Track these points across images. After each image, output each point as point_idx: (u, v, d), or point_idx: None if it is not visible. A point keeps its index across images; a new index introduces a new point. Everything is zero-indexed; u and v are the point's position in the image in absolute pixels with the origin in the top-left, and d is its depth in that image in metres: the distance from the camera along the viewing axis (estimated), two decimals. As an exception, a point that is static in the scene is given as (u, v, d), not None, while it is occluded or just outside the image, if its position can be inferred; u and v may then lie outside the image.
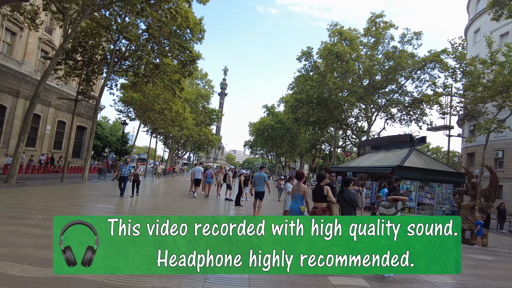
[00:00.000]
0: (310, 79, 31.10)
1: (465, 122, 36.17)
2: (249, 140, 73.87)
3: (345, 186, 6.56)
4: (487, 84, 18.43)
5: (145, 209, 11.40)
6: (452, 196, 17.81)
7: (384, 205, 5.77)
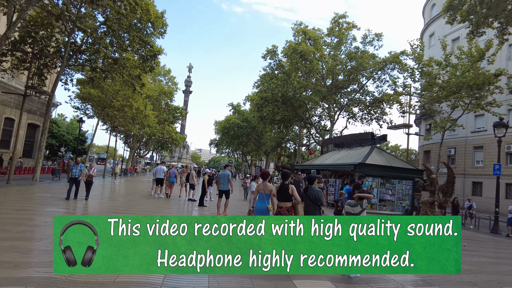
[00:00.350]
0: (275, 77, 31.12)
1: (421, 121, 38.00)
2: (215, 139, 72.97)
3: (310, 184, 6.39)
4: (442, 85, 19.33)
5: (98, 212, 10.62)
6: (415, 191, 18.43)
7: (349, 204, 5.63)
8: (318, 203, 6.15)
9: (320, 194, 6.21)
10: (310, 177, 6.50)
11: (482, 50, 18.66)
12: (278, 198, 5.87)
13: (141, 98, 32.17)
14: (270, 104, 30.60)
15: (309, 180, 6.44)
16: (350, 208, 5.50)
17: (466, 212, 16.76)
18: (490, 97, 19.00)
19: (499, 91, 18.93)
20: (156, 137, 48.46)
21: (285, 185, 5.86)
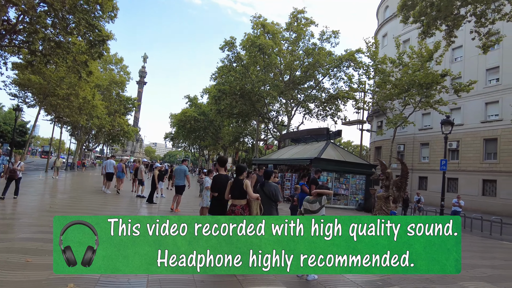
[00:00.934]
0: (233, 70, 30.49)
1: (373, 119, 39.52)
2: (170, 132, 70.74)
3: (266, 179, 5.96)
4: (395, 82, 20.01)
5: (29, 211, 9.41)
6: (369, 186, 18.90)
7: (308, 200, 5.26)
8: (274, 199, 5.74)
9: (277, 190, 5.81)
10: (267, 171, 6.07)
11: (431, 51, 19.54)
12: (232, 195, 5.36)
13: (89, 87, 29.92)
14: (228, 97, 29.96)
15: (266, 175, 6.01)
16: (308, 205, 5.15)
17: (415, 206, 17.49)
18: (438, 96, 20.03)
19: (445, 91, 19.99)
20: (106, 129, 45.67)
21: (239, 180, 5.36)
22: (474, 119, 28.23)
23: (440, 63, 19.62)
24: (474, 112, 28.39)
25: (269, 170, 6.16)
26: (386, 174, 9.82)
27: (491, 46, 17.20)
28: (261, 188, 5.88)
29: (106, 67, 48.60)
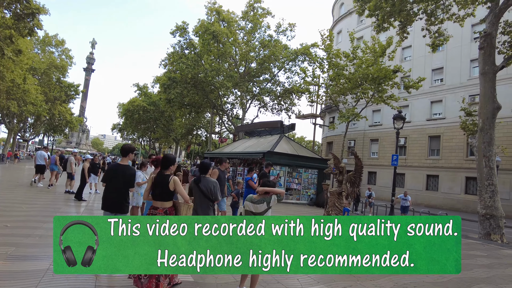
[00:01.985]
0: (185, 57, 28.76)
1: (326, 114, 39.94)
2: (118, 123, 66.68)
3: (202, 174, 4.90)
4: (349, 76, 19.86)
5: None
6: (322, 181, 18.56)
7: (252, 199, 4.23)
8: (212, 198, 4.72)
9: (216, 186, 4.80)
10: (204, 164, 5.01)
11: (384, 46, 19.63)
12: (153, 195, 4.22)
13: (20, 69, 26.53)
14: (179, 85, 28.18)
15: (202, 168, 4.95)
16: (252, 206, 4.13)
17: (366, 201, 17.46)
18: (389, 92, 20.25)
19: (396, 87, 20.26)
20: (42, 117, 41.48)
21: (163, 176, 4.22)
22: (420, 117, 29.35)
23: (392, 58, 19.80)
24: (420, 110, 29.52)
25: (205, 163, 5.09)
26: (340, 168, 9.23)
27: (440, 45, 17.51)
28: (196, 185, 4.82)
29: (45, 49, 44.07)
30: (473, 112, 17.69)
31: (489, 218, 11.83)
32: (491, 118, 12.33)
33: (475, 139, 13.32)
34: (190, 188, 4.89)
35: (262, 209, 4.04)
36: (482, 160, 12.30)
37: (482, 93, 12.72)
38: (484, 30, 13.33)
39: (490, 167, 12.16)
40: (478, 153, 12.51)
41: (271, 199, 4.09)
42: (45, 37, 43.31)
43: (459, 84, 27.14)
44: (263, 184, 4.24)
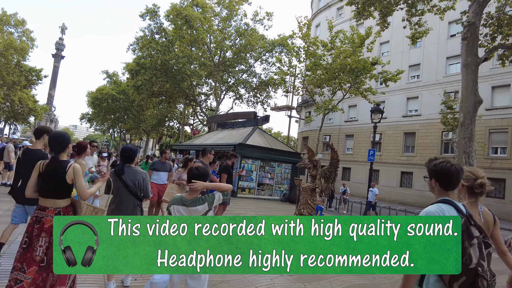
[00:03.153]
0: (155, 42, 26.91)
1: (302, 109, 39.23)
2: (87, 113, 63.39)
3: (126, 163, 3.68)
4: (326, 66, 18.96)
5: None
6: (295, 176, 17.61)
7: (181, 200, 3.02)
8: (141, 194, 3.51)
9: (146, 180, 3.60)
10: (127, 150, 3.79)
11: (363, 36, 18.85)
12: (41, 191, 2.94)
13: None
14: (148, 72, 26.36)
15: (125, 155, 3.73)
16: (184, 210, 2.96)
17: (341, 197, 16.69)
18: (367, 84, 19.55)
19: (374, 79, 19.62)
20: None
21: (58, 163, 2.95)
22: (396, 113, 29.07)
23: (371, 50, 19.07)
24: (396, 106, 29.23)
25: (130, 147, 3.88)
26: (314, 162, 8.19)
27: (420, 37, 16.90)
28: (117, 177, 3.59)
29: (3, 28, 40.62)
30: (455, 105, 17.24)
31: (468, 217, 11.24)
32: (473, 113, 11.72)
33: (455, 135, 12.76)
34: (109, 182, 3.64)
35: (199, 213, 2.87)
36: (462, 156, 11.69)
37: (464, 85, 12.09)
38: (467, 20, 12.71)
39: (470, 164, 11.55)
40: (458, 149, 11.89)
41: (215, 198, 2.92)
42: (2, 16, 39.93)
43: (435, 81, 27.00)
44: (192, 176, 3.01)
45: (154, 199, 7.16)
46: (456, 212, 2.14)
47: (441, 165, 2.20)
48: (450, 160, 2.29)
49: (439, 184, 2.23)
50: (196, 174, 3.01)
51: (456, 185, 2.23)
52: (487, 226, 2.47)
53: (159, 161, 7.77)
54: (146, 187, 3.66)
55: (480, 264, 2.02)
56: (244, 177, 16.88)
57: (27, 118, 54.80)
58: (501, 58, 13.95)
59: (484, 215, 2.48)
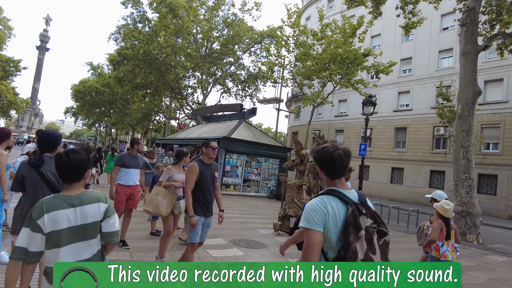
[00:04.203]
0: (137, 31, 25.58)
1: (292, 104, 38.37)
2: (72, 107, 61.44)
3: (47, 152, 2.75)
4: (316, 56, 18.05)
5: None
6: (281, 172, 16.74)
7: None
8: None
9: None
10: (46, 135, 2.84)
11: (354, 26, 17.97)
12: None
13: None
14: (130, 63, 25.04)
15: (44, 142, 2.78)
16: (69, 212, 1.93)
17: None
18: (359, 76, 18.75)
19: (366, 71, 18.83)
20: None
21: None
22: (387, 108, 28.42)
23: (363, 40, 18.21)
24: (388, 100, 28.57)
25: (50, 132, 2.92)
26: (301, 156, 7.29)
27: (414, 27, 16.10)
28: (34, 170, 2.65)
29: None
30: (451, 97, 16.53)
31: (465, 216, 10.52)
32: (471, 104, 10.97)
33: (453, 128, 12.03)
34: (21, 178, 2.68)
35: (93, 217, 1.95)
36: (459, 151, 10.95)
37: (462, 75, 11.32)
38: (466, 5, 11.94)
39: (468, 159, 10.83)
40: (456, 142, 11.15)
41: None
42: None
43: (427, 75, 26.40)
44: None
45: (121, 208, 5.52)
46: (341, 203, 1.85)
47: (323, 151, 1.91)
48: (338, 145, 1.96)
49: (324, 172, 1.95)
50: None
51: (342, 172, 1.92)
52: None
53: (128, 154, 5.81)
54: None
55: (368, 258, 1.86)
56: (228, 172, 15.94)
57: (7, 111, 52.78)
58: (500, 47, 13.23)
59: None
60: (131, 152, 5.85)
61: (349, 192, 1.90)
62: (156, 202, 4.83)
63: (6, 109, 50.60)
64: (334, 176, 1.93)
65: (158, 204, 4.81)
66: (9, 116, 60.79)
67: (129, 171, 5.65)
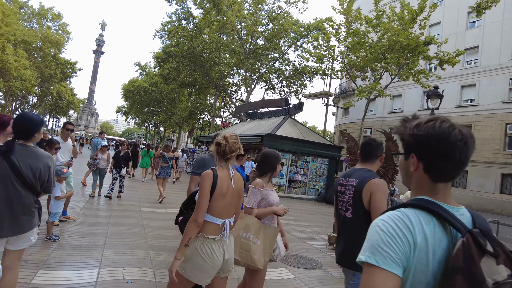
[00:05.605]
0: (182, 27, 25.38)
1: (340, 100, 36.42)
2: (123, 106, 64.19)
3: (21, 139, 2.12)
4: (372, 44, 16.32)
5: None
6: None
7: None
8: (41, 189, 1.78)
9: (52, 168, 1.94)
10: (20, 119, 2.07)
11: (415, 11, 15.99)
12: None
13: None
14: (175, 60, 24.92)
15: (16, 127, 1.99)
16: None
17: (389, 199, 14.27)
18: (419, 66, 16.72)
19: (428, 62, 16.78)
20: (31, 93, 39.13)
21: None
22: (448, 103, 25.54)
23: (424, 27, 16.16)
24: (448, 95, 25.61)
25: (26, 116, 2.09)
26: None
27: (488, 7, 13.90)
28: (3, 159, 1.88)
29: (41, 22, 41.39)
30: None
31: None
32: None
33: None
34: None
35: None
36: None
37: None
38: None
39: None
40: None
41: None
42: (40, 10, 40.70)
43: (498, 66, 23.30)
44: None
45: None
46: (441, 229, 0.98)
47: (433, 126, 1.09)
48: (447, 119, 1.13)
49: (425, 165, 1.07)
50: None
51: (459, 169, 1.05)
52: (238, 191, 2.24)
53: (210, 157, 3.65)
54: (50, 178, 2.26)
55: None
56: (273, 172, 14.92)
57: (67, 111, 56.40)
58: None
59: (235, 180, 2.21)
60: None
61: (457, 210, 1.05)
62: (246, 245, 2.70)
63: (65, 109, 54.14)
64: (442, 176, 1.08)
65: (249, 248, 2.69)
66: (69, 116, 65.20)
67: None
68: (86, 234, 5.23)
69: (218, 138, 2.35)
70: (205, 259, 2.14)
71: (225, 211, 2.24)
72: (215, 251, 2.17)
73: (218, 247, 2.20)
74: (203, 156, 3.65)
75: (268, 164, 3.00)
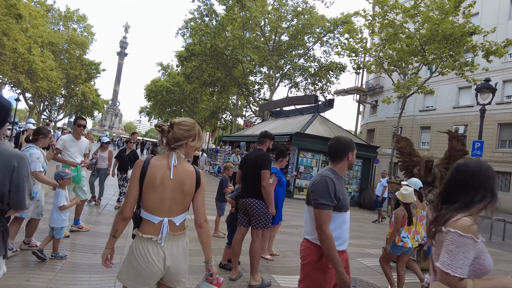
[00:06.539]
0: (204, 24, 24.80)
1: (367, 97, 34.90)
2: (146, 106, 64.88)
3: None
4: (410, 35, 15.04)
5: None
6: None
7: None
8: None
9: (28, 179, 1.42)
10: None
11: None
12: None
13: (25, 38, 23.97)
14: (198, 58, 24.38)
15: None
16: None
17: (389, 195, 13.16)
18: (464, 58, 15.32)
19: (474, 54, 15.33)
20: (57, 94, 39.81)
21: None
22: (488, 100, 23.77)
23: (468, 15, 14.74)
24: (488, 91, 23.91)
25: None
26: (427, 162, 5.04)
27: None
28: None
29: (68, 24, 42.11)
30: None
31: None
32: None
33: None
34: None
35: None
36: None
37: None
38: None
39: None
40: None
41: None
42: (66, 12, 41.43)
43: (545, 58, 21.37)
44: None
45: None
46: None
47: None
48: None
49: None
50: None
51: None
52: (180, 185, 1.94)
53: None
54: (19, 187, 1.71)
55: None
56: (302, 174, 13.96)
57: (92, 111, 57.41)
58: None
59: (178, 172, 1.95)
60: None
61: None
62: None
63: (90, 109, 55.08)
64: None
65: None
66: (93, 116, 66.55)
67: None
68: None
69: (160, 123, 2.11)
70: (138, 260, 1.90)
71: (161, 207, 1.94)
72: (151, 253, 1.91)
73: (156, 250, 1.92)
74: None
75: (480, 187, 1.56)
